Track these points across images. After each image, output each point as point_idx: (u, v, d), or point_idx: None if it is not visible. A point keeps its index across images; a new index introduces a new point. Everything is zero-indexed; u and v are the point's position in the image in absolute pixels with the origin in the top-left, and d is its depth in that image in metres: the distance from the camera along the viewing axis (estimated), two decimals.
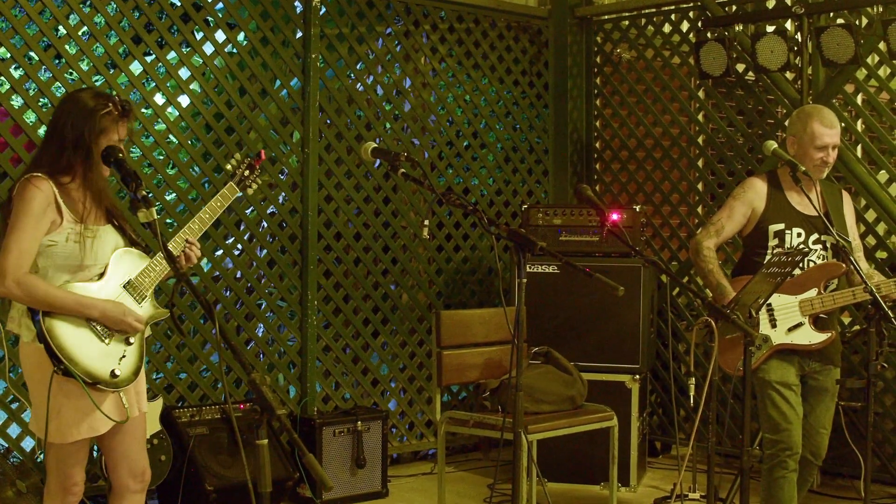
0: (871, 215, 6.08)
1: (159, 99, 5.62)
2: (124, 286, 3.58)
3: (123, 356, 3.53)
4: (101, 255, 3.54)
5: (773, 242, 4.53)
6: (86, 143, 3.48)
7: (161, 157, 5.68)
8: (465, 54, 6.86)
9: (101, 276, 3.53)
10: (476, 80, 6.91)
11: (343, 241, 6.30)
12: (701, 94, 6.93)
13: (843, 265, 4.44)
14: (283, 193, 6.09)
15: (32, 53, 5.18)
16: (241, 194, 3.95)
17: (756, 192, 4.61)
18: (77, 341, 3.43)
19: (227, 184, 3.90)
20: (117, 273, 3.57)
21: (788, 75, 6.22)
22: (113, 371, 3.48)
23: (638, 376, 5.89)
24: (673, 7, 6.85)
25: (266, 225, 6.01)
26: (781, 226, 4.53)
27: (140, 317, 3.57)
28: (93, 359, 3.45)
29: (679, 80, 6.92)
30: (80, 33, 5.32)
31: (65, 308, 3.42)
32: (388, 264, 6.49)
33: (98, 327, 3.49)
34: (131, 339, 3.57)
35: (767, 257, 4.45)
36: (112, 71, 5.52)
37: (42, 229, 3.45)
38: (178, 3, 5.64)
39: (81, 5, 5.33)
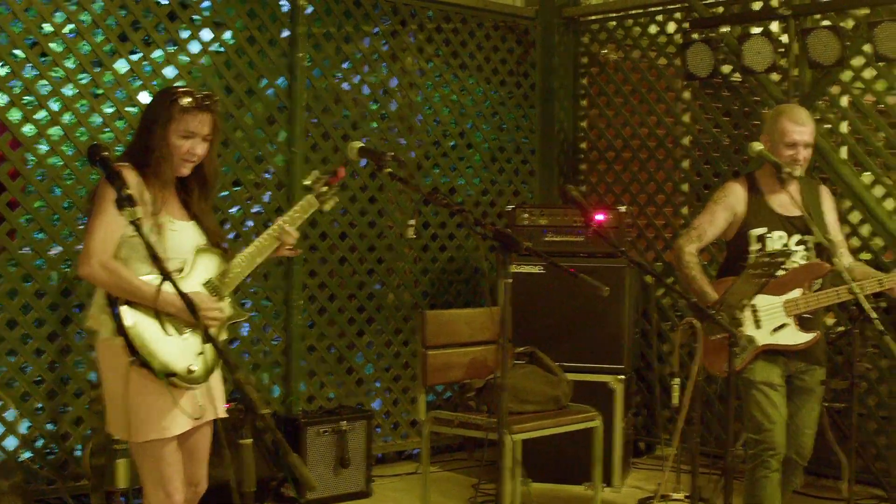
0: (855, 217, 6.10)
1: (145, 97, 5.59)
2: (204, 285, 3.55)
3: (201, 352, 3.46)
4: (180, 250, 3.50)
5: (755, 247, 4.53)
6: (155, 130, 3.46)
7: None
8: (452, 54, 6.86)
9: (181, 273, 3.49)
10: (463, 79, 6.92)
11: (328, 241, 6.29)
12: (687, 95, 6.93)
13: (828, 265, 4.45)
14: (269, 192, 6.08)
15: (17, 51, 5.16)
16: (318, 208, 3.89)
17: (737, 196, 4.61)
18: (155, 335, 3.38)
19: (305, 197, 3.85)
20: (197, 271, 3.54)
21: (774, 77, 6.24)
22: (189, 367, 3.43)
23: (622, 377, 5.90)
24: (660, 8, 6.86)
25: (251, 224, 5.99)
26: (763, 230, 4.53)
27: (222, 308, 3.55)
28: (171, 353, 3.39)
29: (665, 81, 6.93)
30: (65, 31, 5.29)
31: (145, 299, 3.35)
32: (374, 264, 6.49)
33: (175, 321, 3.44)
34: None
35: (750, 259, 4.46)
36: (98, 69, 5.50)
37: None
38: (165, 2, 5.62)
39: (67, 3, 5.30)
